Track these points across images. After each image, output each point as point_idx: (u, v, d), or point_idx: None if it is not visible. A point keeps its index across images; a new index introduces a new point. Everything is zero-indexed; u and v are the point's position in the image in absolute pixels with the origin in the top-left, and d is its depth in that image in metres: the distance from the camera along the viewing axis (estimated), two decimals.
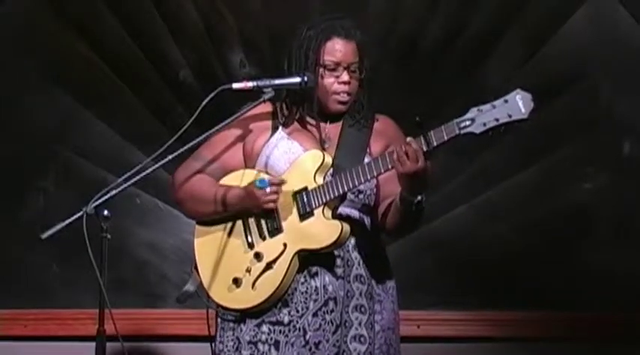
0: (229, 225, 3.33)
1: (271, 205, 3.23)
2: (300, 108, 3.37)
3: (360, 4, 4.61)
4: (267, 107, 3.38)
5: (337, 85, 3.31)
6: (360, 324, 3.25)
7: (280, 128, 3.36)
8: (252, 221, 3.30)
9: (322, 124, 3.37)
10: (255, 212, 3.28)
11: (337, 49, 3.31)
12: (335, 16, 3.43)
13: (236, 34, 4.71)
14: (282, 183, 3.24)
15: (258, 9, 4.68)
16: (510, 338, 4.61)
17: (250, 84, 3.31)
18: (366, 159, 3.27)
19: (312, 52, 3.32)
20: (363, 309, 3.27)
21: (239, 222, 3.31)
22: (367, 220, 3.34)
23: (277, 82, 3.31)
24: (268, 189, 3.22)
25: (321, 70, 3.31)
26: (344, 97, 3.32)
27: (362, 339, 3.25)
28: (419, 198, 3.15)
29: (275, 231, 3.26)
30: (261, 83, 3.31)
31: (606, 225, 4.62)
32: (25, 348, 4.67)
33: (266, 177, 3.25)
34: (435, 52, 4.66)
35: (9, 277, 4.70)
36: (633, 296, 4.54)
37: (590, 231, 4.63)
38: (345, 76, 3.31)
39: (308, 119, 3.38)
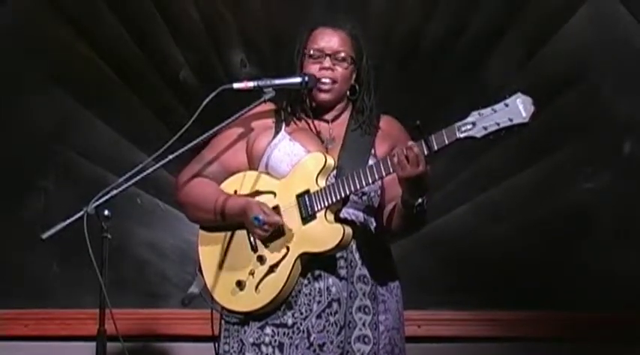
0: (233, 227, 3.32)
1: (257, 237, 3.24)
2: (297, 107, 3.37)
3: (361, 4, 4.61)
4: (268, 106, 3.37)
5: (318, 72, 3.30)
6: (364, 325, 3.25)
7: (283, 128, 3.35)
8: None
9: (325, 125, 3.37)
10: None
11: (321, 37, 3.32)
12: (333, 13, 3.44)
13: (236, 34, 4.71)
14: (274, 224, 3.21)
15: (259, 9, 4.68)
16: (510, 338, 4.61)
17: (251, 84, 3.31)
18: (371, 161, 3.26)
19: (299, 44, 3.33)
20: (367, 310, 3.26)
21: (243, 225, 3.30)
22: (371, 221, 3.33)
23: (278, 81, 3.31)
24: (258, 225, 3.21)
25: (304, 58, 3.31)
26: (326, 85, 3.30)
27: (366, 340, 3.24)
28: (419, 200, 3.15)
29: (278, 234, 3.25)
30: (261, 83, 3.30)
31: (606, 225, 4.63)
32: (26, 348, 4.67)
33: (261, 217, 3.21)
34: (436, 52, 4.66)
35: (9, 277, 4.70)
36: (633, 296, 4.54)
37: (590, 231, 4.63)
38: (326, 63, 3.30)
39: (303, 117, 3.37)
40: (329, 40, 3.31)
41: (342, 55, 3.31)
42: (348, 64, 3.32)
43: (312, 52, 3.31)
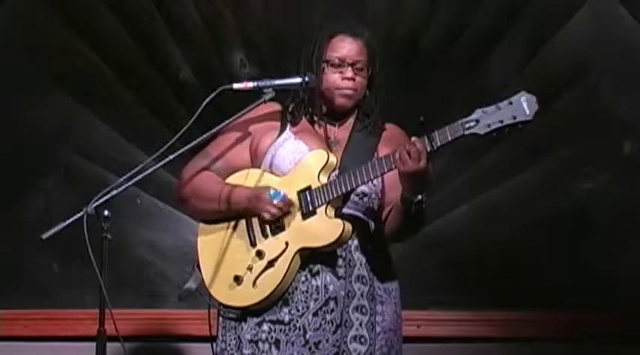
0: (232, 222, 3.33)
1: (267, 216, 3.24)
2: (308, 109, 3.38)
3: (361, 4, 4.61)
4: (275, 107, 3.38)
5: (341, 81, 3.32)
6: (360, 325, 3.25)
7: (288, 128, 3.36)
8: (255, 219, 3.30)
9: (331, 127, 3.38)
10: (256, 214, 3.28)
11: (342, 45, 3.32)
12: (344, 17, 3.45)
13: (236, 34, 4.71)
14: (291, 205, 3.24)
15: (259, 9, 4.68)
16: (510, 338, 4.61)
17: (251, 84, 3.32)
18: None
19: (317, 49, 3.33)
20: (364, 310, 3.26)
21: (242, 220, 3.31)
22: (371, 222, 3.34)
23: (278, 82, 3.32)
24: (275, 201, 3.22)
25: (324, 66, 3.32)
26: (348, 91, 3.32)
27: (362, 340, 3.24)
28: (419, 197, 3.15)
29: (277, 229, 3.26)
30: (261, 83, 3.31)
31: (606, 225, 4.63)
32: (25, 348, 4.67)
33: (282, 192, 3.24)
34: (436, 52, 4.66)
35: (9, 277, 4.70)
36: (634, 296, 4.54)
37: (590, 231, 4.63)
38: (348, 73, 3.31)
39: (317, 120, 3.38)
40: (350, 49, 3.32)
41: (361, 64, 3.33)
42: (366, 73, 3.34)
43: (333, 60, 3.32)
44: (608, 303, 4.57)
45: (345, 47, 3.32)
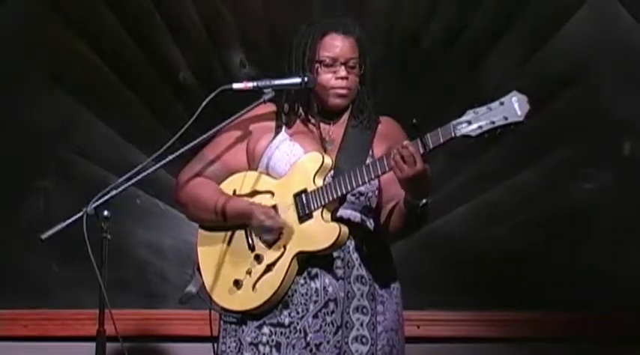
0: (233, 227, 3.33)
1: (266, 242, 3.26)
2: (302, 109, 3.37)
3: (360, 4, 4.61)
4: (270, 108, 3.38)
5: (334, 81, 3.31)
6: (361, 325, 3.25)
7: (283, 129, 3.36)
8: None
9: (325, 126, 3.37)
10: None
11: (334, 44, 3.31)
12: (334, 14, 3.43)
13: (236, 34, 4.71)
14: (281, 228, 3.24)
15: (259, 9, 4.68)
16: (510, 338, 4.61)
17: (250, 84, 3.32)
18: (368, 161, 3.26)
19: (309, 49, 3.32)
20: (364, 310, 3.26)
21: (241, 224, 3.31)
22: (369, 222, 3.33)
23: (277, 82, 3.32)
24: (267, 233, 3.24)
25: (317, 66, 3.31)
26: (342, 91, 3.32)
27: (364, 340, 3.24)
28: (423, 201, 3.15)
29: None
30: (261, 83, 3.31)
31: (606, 225, 4.63)
32: (25, 348, 4.67)
33: (268, 224, 3.25)
34: (436, 52, 4.66)
35: (9, 277, 4.70)
36: (634, 297, 4.54)
37: (591, 231, 4.63)
38: (342, 72, 3.30)
39: (311, 120, 3.38)
40: (342, 47, 3.31)
41: (353, 62, 3.32)
42: (358, 70, 3.33)
43: (326, 60, 3.31)
44: (608, 303, 4.57)
45: (338, 46, 3.30)
